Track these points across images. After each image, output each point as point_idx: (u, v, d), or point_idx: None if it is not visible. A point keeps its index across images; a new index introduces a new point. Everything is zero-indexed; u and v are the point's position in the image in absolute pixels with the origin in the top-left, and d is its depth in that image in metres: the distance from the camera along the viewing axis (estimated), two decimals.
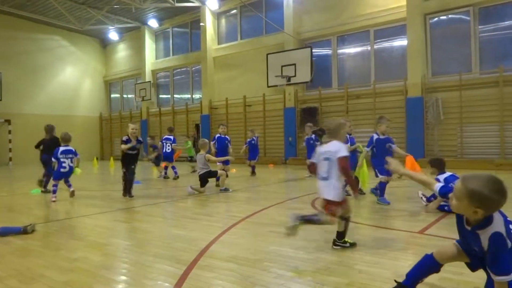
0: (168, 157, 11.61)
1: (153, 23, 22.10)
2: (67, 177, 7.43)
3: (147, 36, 23.46)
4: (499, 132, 12.43)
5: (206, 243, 3.97)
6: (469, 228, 2.15)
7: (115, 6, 20.01)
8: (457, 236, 2.46)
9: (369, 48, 15.63)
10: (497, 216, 2.09)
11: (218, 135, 10.66)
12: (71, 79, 24.67)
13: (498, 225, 2.05)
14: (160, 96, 24.03)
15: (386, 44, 15.33)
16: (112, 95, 27.24)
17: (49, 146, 8.09)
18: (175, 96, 23.07)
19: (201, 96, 21.01)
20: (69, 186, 7.49)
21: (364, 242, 3.93)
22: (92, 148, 25.26)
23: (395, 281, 2.63)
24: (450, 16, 13.78)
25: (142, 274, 3.19)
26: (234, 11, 19.72)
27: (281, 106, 17.39)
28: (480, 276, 2.86)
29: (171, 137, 11.87)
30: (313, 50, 15.56)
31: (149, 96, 22.80)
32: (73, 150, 7.47)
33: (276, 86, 16.12)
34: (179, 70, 22.80)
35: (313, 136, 10.31)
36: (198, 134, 20.76)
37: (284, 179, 10.63)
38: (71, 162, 7.36)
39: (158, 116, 22.88)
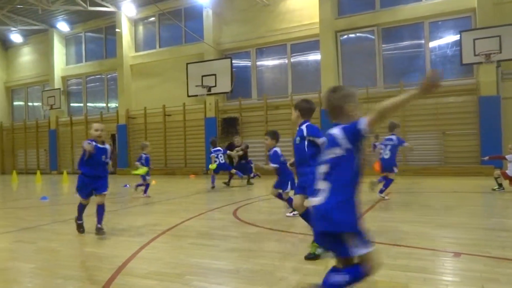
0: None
1: (63, 26, 20.59)
2: None
3: (56, 40, 21.84)
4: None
5: (123, 260, 3.76)
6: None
7: (18, 6, 18.32)
8: (370, 238, 2.63)
9: (286, 61, 16.31)
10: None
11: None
12: None
13: None
14: (72, 104, 22.46)
15: (301, 58, 16.14)
16: (15, 103, 24.79)
17: None
18: (88, 104, 21.73)
19: (117, 105, 20.07)
20: None
21: (283, 249, 4.03)
22: None
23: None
24: (358, 34, 14.97)
25: None
26: (153, 18, 19.27)
27: (201, 116, 17.31)
28: (387, 274, 3.10)
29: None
30: (233, 61, 15.78)
31: (59, 105, 21.14)
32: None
33: (197, 95, 16.01)
34: (92, 77, 21.56)
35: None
36: (115, 145, 19.75)
37: (205, 190, 10.53)
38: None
39: (69, 126, 21.33)
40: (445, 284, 2.90)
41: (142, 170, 8.95)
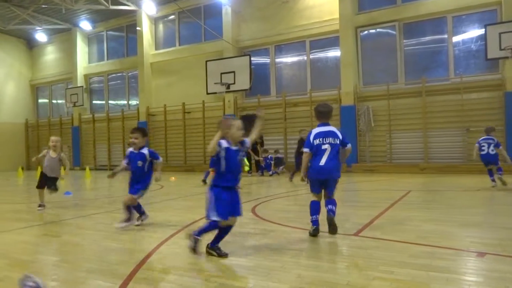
0: None
1: (85, 25, 20.99)
2: None
3: (79, 39, 22.30)
4: (423, 138, 13.45)
5: (144, 255, 3.82)
6: None
7: (43, 6, 18.77)
8: (389, 236, 2.59)
9: (305, 57, 16.20)
10: None
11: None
12: None
13: None
14: (94, 102, 22.92)
15: (321, 55, 16.01)
16: (40, 100, 25.46)
17: None
18: (110, 102, 22.13)
19: (138, 102, 20.36)
20: None
21: (302, 247, 4.02)
22: (16, 157, 23.36)
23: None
24: (378, 30, 14.74)
25: None
26: (172, 16, 19.44)
27: (220, 113, 17.38)
28: (409, 273, 3.05)
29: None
30: (251, 58, 15.79)
31: (82, 102, 21.63)
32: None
33: (216, 93, 16.10)
34: (114, 75, 21.93)
35: None
36: None
37: None
38: None
39: (91, 123, 21.78)
40: (468, 284, 2.83)
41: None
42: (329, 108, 4.62)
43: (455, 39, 13.65)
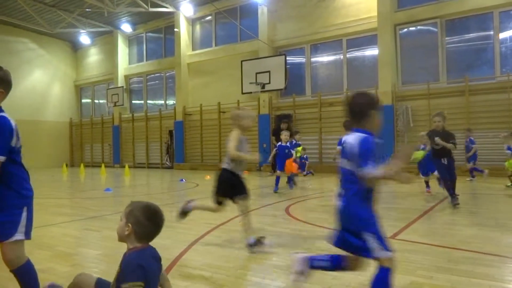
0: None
1: (126, 27, 21.74)
2: None
3: (120, 41, 23.07)
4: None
5: (179, 251, 3.90)
6: None
7: (87, 10, 19.60)
8: (427, 240, 2.50)
9: (341, 56, 15.95)
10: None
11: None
12: (40, 83, 23.90)
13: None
14: (133, 101, 23.64)
15: (358, 53, 15.69)
16: (83, 100, 26.57)
17: None
18: (148, 102, 22.75)
19: (175, 102, 20.82)
20: None
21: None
22: (61, 154, 24.53)
23: None
24: (418, 27, 14.28)
25: None
26: (209, 17, 19.71)
27: (255, 113, 17.44)
28: (449, 279, 2.94)
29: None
30: (287, 58, 15.73)
31: (122, 102, 22.39)
32: None
33: (251, 93, 16.16)
34: (152, 75, 22.53)
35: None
36: (172, 140, 20.53)
37: (258, 186, 10.62)
38: None
39: (131, 122, 22.49)
40: None
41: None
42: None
43: (502, 35, 12.97)
